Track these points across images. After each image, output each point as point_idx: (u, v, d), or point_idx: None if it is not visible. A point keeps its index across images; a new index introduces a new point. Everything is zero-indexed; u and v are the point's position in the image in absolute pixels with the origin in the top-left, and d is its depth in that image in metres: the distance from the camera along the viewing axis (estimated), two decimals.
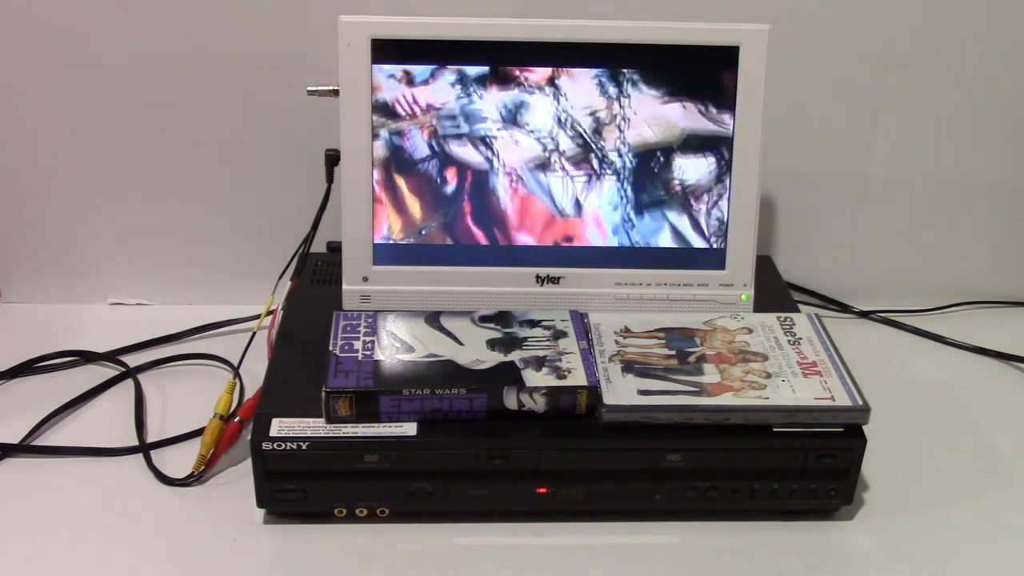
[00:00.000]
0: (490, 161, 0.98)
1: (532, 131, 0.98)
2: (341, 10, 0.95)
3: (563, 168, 0.99)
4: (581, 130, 0.98)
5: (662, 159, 0.99)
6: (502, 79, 0.96)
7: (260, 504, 0.88)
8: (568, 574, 0.86)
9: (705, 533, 0.89)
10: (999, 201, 1.23)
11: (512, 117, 0.97)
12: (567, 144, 0.98)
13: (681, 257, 1.01)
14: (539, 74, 0.97)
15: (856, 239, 1.24)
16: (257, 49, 1.11)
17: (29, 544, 0.86)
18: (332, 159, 0.99)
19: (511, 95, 0.97)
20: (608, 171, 0.99)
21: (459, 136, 0.98)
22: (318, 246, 1.05)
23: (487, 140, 0.98)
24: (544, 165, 0.98)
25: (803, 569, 0.86)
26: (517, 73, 0.96)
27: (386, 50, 0.95)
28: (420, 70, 0.96)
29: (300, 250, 1.04)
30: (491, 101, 0.97)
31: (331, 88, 0.97)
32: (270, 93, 1.13)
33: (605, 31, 0.96)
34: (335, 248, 1.03)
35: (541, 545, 0.88)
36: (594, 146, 0.98)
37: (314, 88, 0.97)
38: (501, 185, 0.99)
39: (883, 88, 1.16)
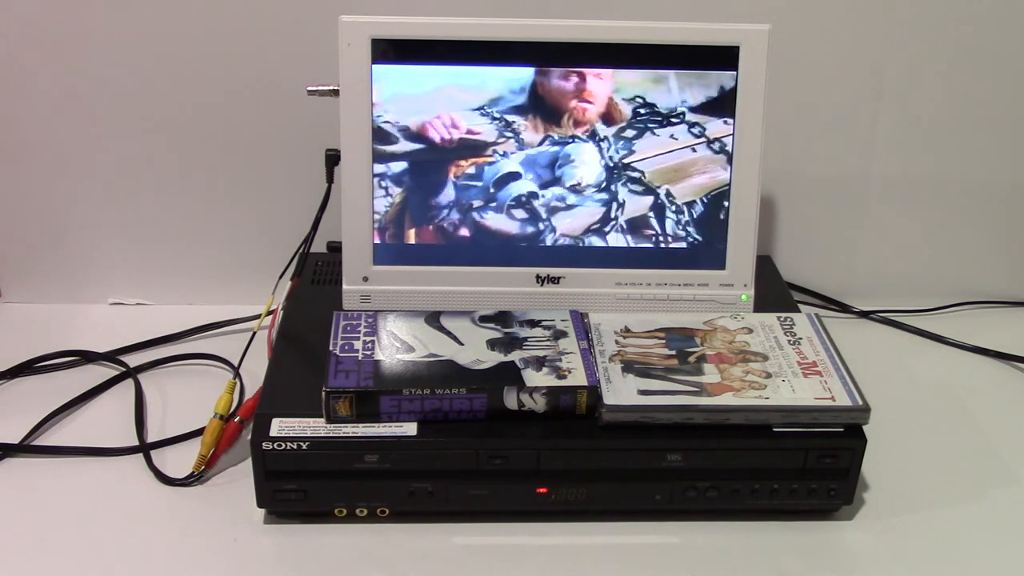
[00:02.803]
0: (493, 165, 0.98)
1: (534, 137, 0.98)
2: (341, 10, 0.95)
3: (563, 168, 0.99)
4: (580, 131, 0.98)
5: (662, 159, 0.99)
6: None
7: (260, 504, 0.88)
8: (568, 574, 0.86)
9: (705, 533, 0.89)
10: (999, 201, 1.23)
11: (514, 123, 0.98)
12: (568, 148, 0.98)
13: (681, 257, 1.01)
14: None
15: (856, 239, 1.24)
16: (257, 49, 1.11)
17: (29, 544, 0.86)
18: (332, 159, 0.99)
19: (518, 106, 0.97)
20: (608, 171, 0.99)
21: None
22: (318, 246, 1.05)
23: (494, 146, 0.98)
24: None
25: (803, 569, 0.86)
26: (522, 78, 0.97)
27: (386, 50, 0.95)
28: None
29: (300, 250, 1.04)
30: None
31: (331, 88, 0.97)
32: (270, 93, 1.13)
33: (605, 31, 0.96)
34: (335, 248, 1.03)
35: (541, 545, 0.88)
36: (594, 146, 0.98)
37: (314, 88, 0.97)
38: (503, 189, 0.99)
39: (883, 88, 1.16)
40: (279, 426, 0.85)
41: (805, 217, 1.23)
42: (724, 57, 0.97)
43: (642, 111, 0.97)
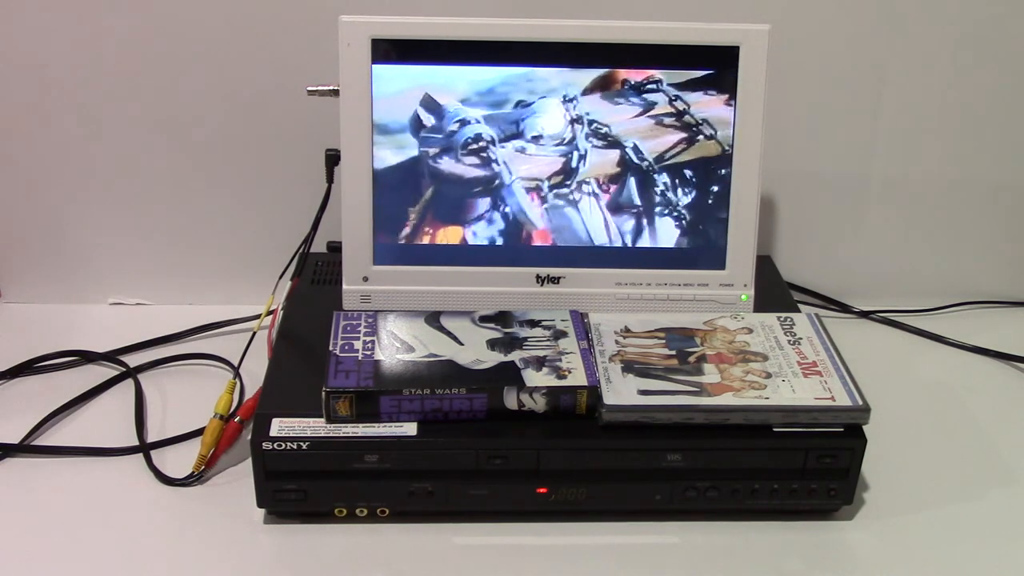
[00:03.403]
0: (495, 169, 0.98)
1: (536, 139, 0.98)
2: (341, 10, 0.95)
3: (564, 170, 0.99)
4: (581, 132, 0.98)
5: (662, 159, 0.99)
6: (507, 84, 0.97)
7: (260, 504, 0.88)
8: (568, 574, 0.86)
9: (705, 533, 0.89)
10: (999, 201, 1.23)
11: (516, 126, 0.98)
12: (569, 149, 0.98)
13: (681, 257, 1.01)
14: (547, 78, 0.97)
15: (856, 239, 1.24)
16: (257, 49, 1.11)
17: (29, 544, 0.86)
18: (332, 159, 0.99)
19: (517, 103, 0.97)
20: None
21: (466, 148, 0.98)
22: (318, 246, 1.05)
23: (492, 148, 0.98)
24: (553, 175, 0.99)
25: (803, 569, 0.86)
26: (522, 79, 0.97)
27: (386, 50, 0.95)
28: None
29: (300, 250, 1.04)
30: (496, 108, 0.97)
31: (331, 88, 0.97)
32: (270, 93, 1.13)
33: (606, 31, 0.96)
34: (335, 248, 1.03)
35: (541, 545, 0.88)
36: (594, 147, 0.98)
37: (314, 88, 0.97)
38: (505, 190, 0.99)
39: (883, 88, 1.16)
40: (279, 426, 0.85)
41: (805, 217, 1.23)
42: (724, 57, 0.97)
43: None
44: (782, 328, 0.97)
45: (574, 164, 0.99)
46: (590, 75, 0.97)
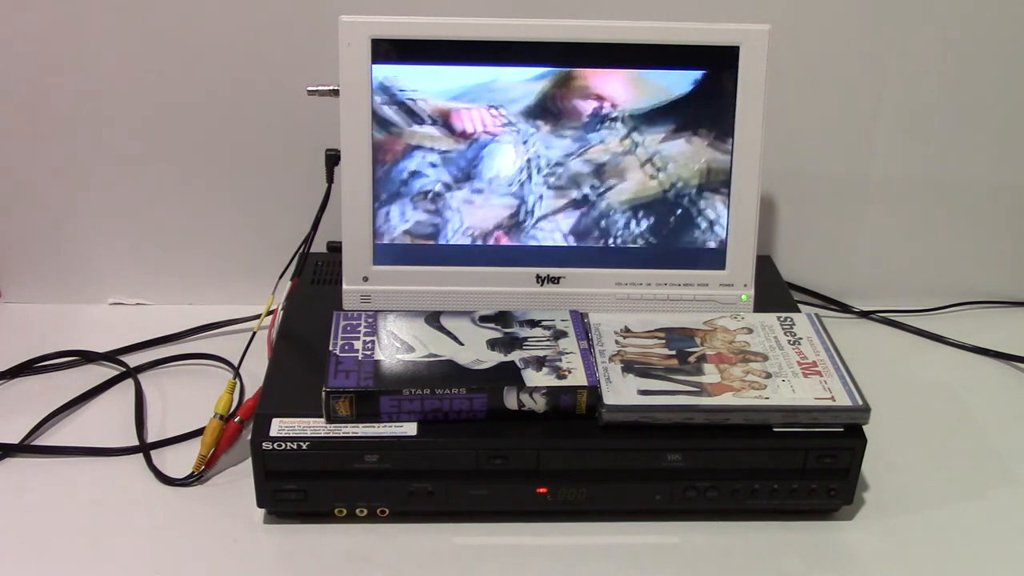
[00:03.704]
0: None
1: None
2: (341, 10, 0.95)
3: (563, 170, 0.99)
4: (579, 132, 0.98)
5: (662, 158, 0.99)
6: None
7: (260, 504, 0.88)
8: (568, 574, 0.86)
9: (705, 533, 0.89)
10: (999, 201, 1.23)
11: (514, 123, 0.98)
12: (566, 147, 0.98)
13: (681, 257, 1.01)
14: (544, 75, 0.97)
15: (856, 239, 1.24)
16: (257, 49, 1.11)
17: (29, 544, 0.86)
18: (332, 159, 0.99)
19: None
20: (608, 171, 0.99)
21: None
22: (318, 246, 1.05)
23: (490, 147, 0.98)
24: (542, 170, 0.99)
25: (803, 569, 0.86)
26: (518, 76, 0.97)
27: (386, 50, 0.95)
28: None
29: (300, 250, 1.04)
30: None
31: (331, 88, 0.97)
32: (270, 93, 1.13)
33: (605, 31, 0.96)
34: (335, 248, 1.03)
35: (541, 545, 0.88)
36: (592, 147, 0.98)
37: (314, 88, 0.97)
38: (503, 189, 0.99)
39: (883, 88, 1.16)
40: (279, 426, 0.85)
41: (805, 217, 1.23)
42: (724, 57, 0.97)
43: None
44: (782, 328, 0.97)
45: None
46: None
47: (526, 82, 0.97)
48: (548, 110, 0.97)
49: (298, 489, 0.87)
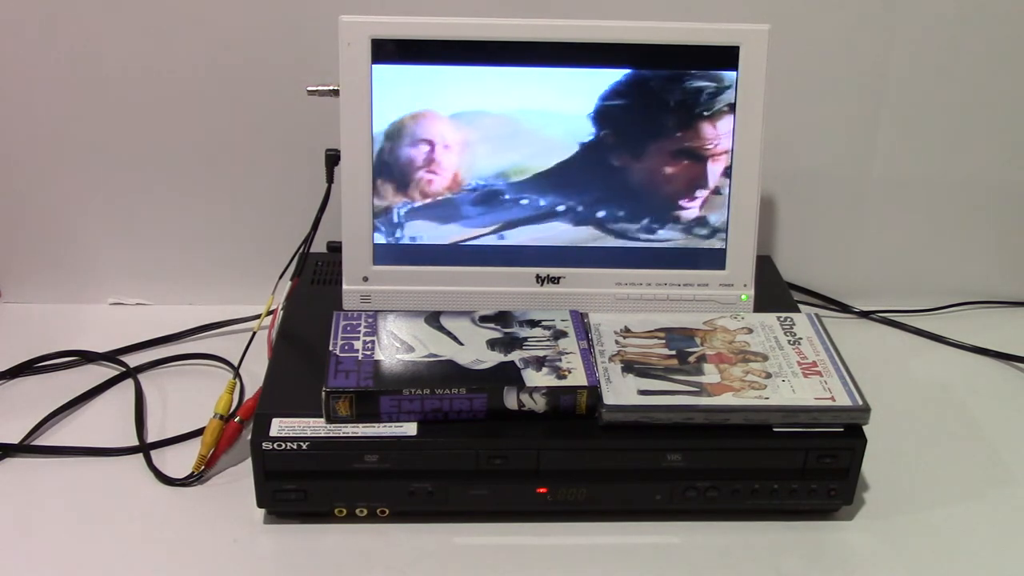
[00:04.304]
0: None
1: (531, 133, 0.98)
2: (341, 10, 0.95)
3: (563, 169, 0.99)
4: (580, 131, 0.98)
5: (662, 157, 0.99)
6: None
7: (260, 504, 0.88)
8: (568, 574, 0.86)
9: (705, 533, 0.89)
10: (999, 201, 1.23)
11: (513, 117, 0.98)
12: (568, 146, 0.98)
13: (681, 257, 1.01)
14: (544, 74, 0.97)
15: (856, 239, 1.24)
16: (257, 49, 1.11)
17: (29, 544, 0.86)
18: (332, 159, 0.99)
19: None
20: (608, 172, 0.99)
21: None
22: (318, 246, 1.05)
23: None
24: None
25: (803, 569, 0.86)
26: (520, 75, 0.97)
27: (386, 50, 0.95)
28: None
29: (300, 250, 1.04)
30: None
31: (331, 88, 0.97)
32: (270, 93, 1.13)
33: (605, 31, 0.96)
34: (335, 248, 1.03)
35: (541, 545, 0.88)
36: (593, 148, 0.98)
37: (314, 88, 0.97)
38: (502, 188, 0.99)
39: (883, 88, 1.16)
40: (279, 426, 0.85)
41: (805, 217, 1.23)
42: (724, 57, 0.97)
43: None
44: (782, 328, 0.97)
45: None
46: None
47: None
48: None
49: (298, 489, 0.87)
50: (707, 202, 1.00)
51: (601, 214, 1.00)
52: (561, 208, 0.99)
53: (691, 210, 1.00)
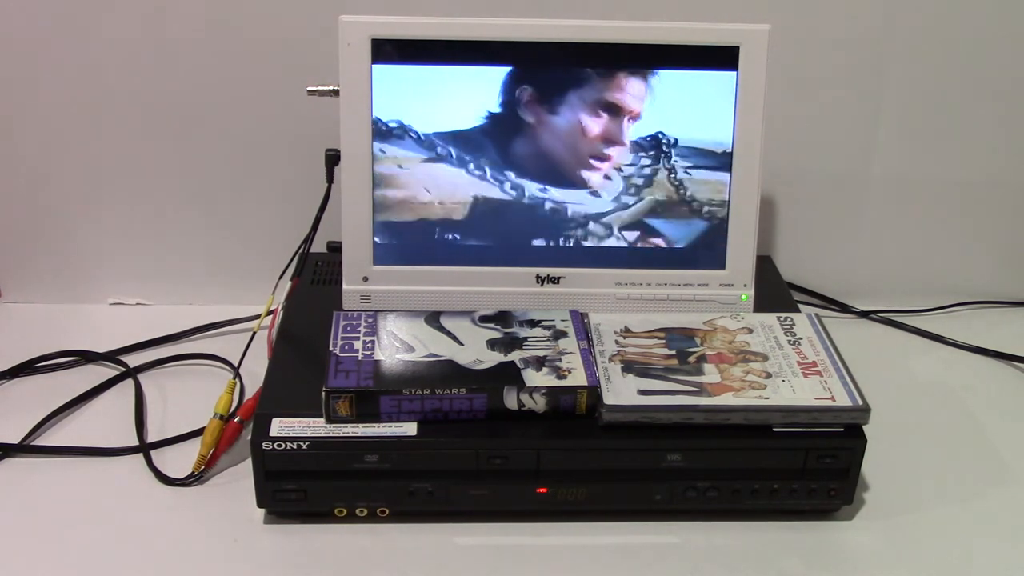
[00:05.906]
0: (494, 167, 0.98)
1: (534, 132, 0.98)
2: (341, 10, 0.95)
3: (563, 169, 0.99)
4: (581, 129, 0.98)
5: (662, 157, 0.99)
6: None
7: (260, 504, 0.88)
8: (568, 574, 0.86)
9: (705, 533, 0.89)
10: (999, 201, 1.23)
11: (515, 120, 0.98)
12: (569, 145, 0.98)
13: (681, 257, 1.01)
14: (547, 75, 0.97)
15: (856, 239, 1.24)
16: (257, 49, 1.11)
17: (29, 544, 0.86)
18: (332, 159, 0.99)
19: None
20: (609, 172, 0.99)
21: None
22: (318, 246, 1.05)
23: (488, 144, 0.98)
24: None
25: (803, 569, 0.86)
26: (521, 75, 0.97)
27: (386, 50, 0.95)
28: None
29: (300, 250, 1.04)
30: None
31: (331, 88, 0.97)
32: (270, 93, 1.13)
33: (606, 31, 0.96)
34: (335, 248, 1.03)
35: (541, 545, 0.88)
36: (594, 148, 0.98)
37: (314, 88, 0.97)
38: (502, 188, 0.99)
39: (883, 88, 1.16)
40: (279, 426, 0.85)
41: (805, 217, 1.23)
42: (724, 57, 0.97)
43: None
44: (782, 328, 0.97)
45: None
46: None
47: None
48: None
49: (298, 489, 0.87)
50: (708, 201, 1.00)
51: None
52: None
53: (692, 209, 1.00)
